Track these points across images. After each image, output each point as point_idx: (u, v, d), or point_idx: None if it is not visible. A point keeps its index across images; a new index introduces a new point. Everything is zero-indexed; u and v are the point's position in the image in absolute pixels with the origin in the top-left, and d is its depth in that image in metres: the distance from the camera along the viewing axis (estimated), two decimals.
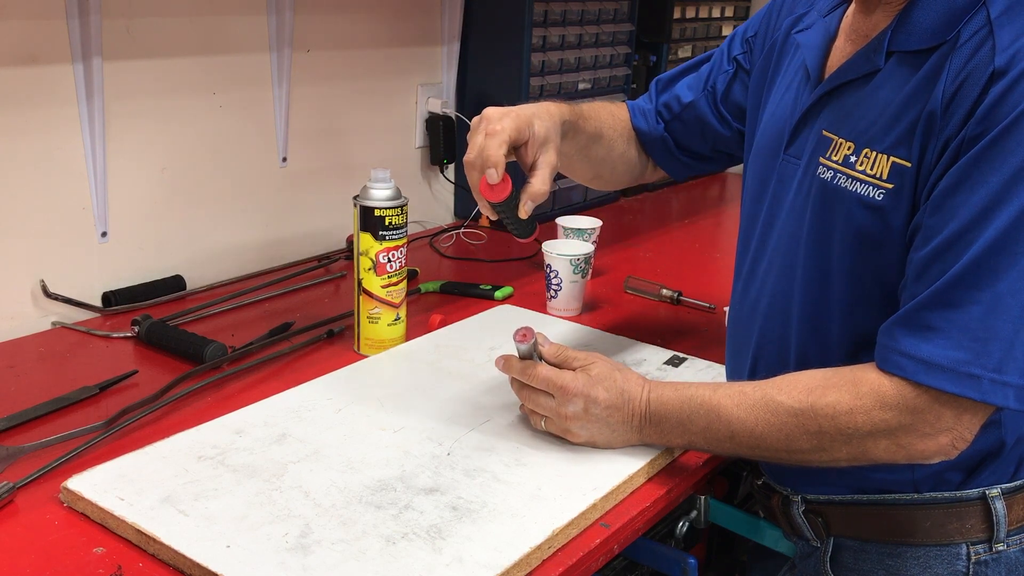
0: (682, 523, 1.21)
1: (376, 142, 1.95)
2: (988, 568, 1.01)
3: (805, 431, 0.97)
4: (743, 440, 1.01)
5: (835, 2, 1.09)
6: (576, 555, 0.95)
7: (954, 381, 0.89)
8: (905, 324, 0.92)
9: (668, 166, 1.37)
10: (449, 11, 2.00)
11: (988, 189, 0.86)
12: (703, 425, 1.04)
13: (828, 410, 0.95)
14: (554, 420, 1.10)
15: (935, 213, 0.90)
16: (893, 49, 0.96)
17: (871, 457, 0.96)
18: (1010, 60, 0.86)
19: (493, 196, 1.07)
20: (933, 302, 0.89)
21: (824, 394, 0.96)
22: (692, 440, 1.06)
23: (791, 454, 0.99)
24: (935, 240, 0.89)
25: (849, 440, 0.95)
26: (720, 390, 1.04)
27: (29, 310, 1.45)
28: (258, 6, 1.66)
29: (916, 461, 0.95)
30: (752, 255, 1.14)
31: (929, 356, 0.89)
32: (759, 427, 0.99)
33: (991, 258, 0.86)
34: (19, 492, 1.01)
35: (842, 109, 1.00)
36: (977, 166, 0.87)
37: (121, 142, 1.51)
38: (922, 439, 0.93)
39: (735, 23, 2.64)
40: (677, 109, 1.32)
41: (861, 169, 0.96)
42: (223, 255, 1.70)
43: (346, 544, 0.92)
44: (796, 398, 0.97)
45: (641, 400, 1.08)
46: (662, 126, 1.33)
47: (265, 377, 1.30)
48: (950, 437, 0.92)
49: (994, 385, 0.88)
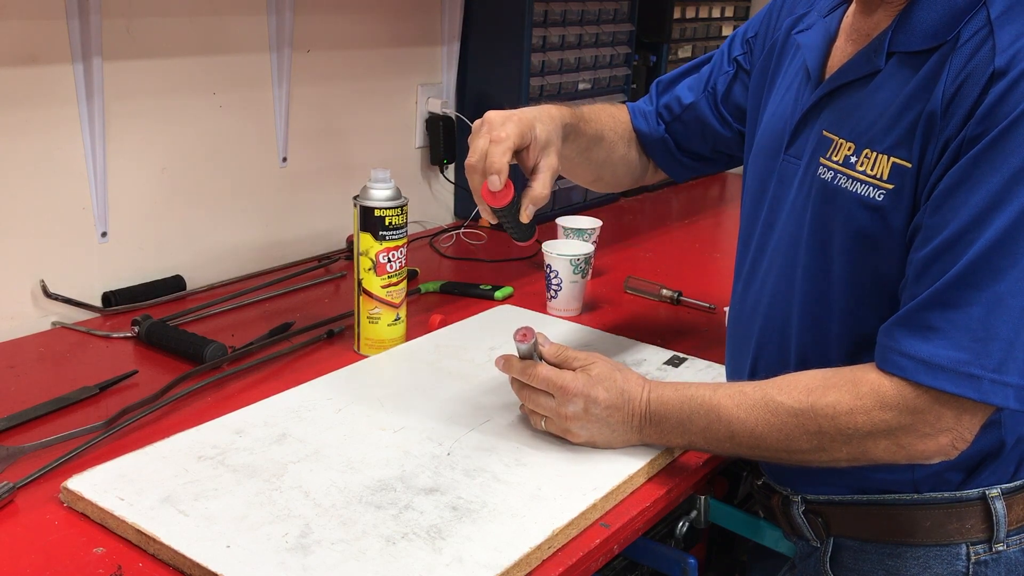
0: (682, 523, 1.21)
1: (376, 142, 1.95)
2: (988, 568, 1.01)
3: (805, 431, 0.97)
4: (743, 440, 1.01)
5: (835, 2, 1.09)
6: (576, 555, 0.96)
7: (954, 381, 0.89)
8: (905, 324, 0.92)
9: (669, 167, 1.37)
10: (449, 11, 2.00)
11: (988, 189, 0.86)
12: (703, 425, 1.04)
13: (828, 410, 0.95)
14: (554, 420, 1.10)
15: (935, 213, 0.90)
16: (894, 50, 0.96)
17: (871, 457, 0.96)
18: (1010, 60, 0.86)
19: (495, 202, 1.07)
20: (933, 302, 0.89)
21: (824, 394, 0.96)
22: (692, 440, 1.06)
23: (791, 454, 0.99)
24: (935, 240, 0.89)
25: (849, 440, 0.95)
26: (720, 390, 1.04)
27: (29, 310, 1.45)
28: (258, 6, 1.66)
29: (916, 461, 0.95)
30: (752, 255, 1.14)
31: (929, 356, 0.89)
32: (759, 427, 0.99)
33: (991, 258, 0.86)
34: (19, 492, 1.01)
35: (843, 109, 1.00)
36: (977, 166, 0.87)
37: (121, 142, 1.51)
38: (922, 439, 0.93)
39: (735, 23, 2.63)
40: (678, 110, 1.32)
41: (861, 170, 0.96)
42: (223, 255, 1.70)
43: (346, 544, 0.92)
44: (796, 398, 0.97)
45: (641, 400, 1.08)
46: (663, 127, 1.33)
47: (265, 377, 1.30)
48: (950, 437, 0.92)
49: (994, 385, 0.88)
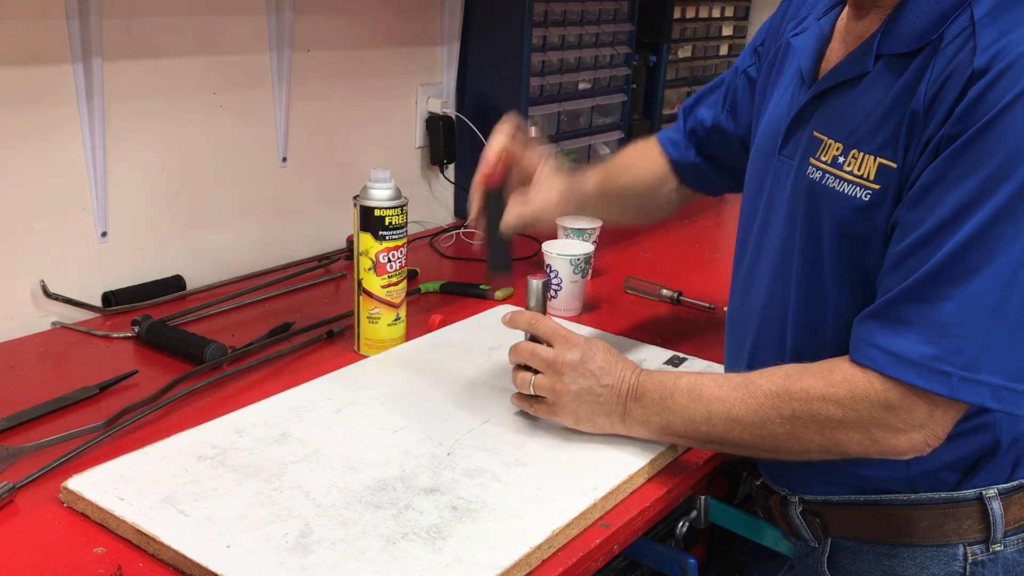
0: (682, 523, 1.21)
1: (376, 142, 1.95)
2: (985, 568, 1.01)
3: (779, 414, 0.97)
4: (718, 423, 1.01)
5: (830, 4, 1.10)
6: (576, 555, 0.96)
7: (923, 376, 0.89)
8: (878, 317, 0.92)
9: (703, 187, 1.40)
10: (449, 11, 2.00)
11: (965, 187, 0.86)
12: (683, 403, 1.04)
13: (801, 394, 0.96)
14: (543, 383, 1.11)
15: (913, 209, 0.90)
16: (881, 52, 0.96)
17: (843, 450, 0.96)
18: (990, 60, 0.86)
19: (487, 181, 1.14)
20: (906, 297, 0.90)
21: (800, 379, 0.97)
22: (670, 420, 1.05)
23: (764, 440, 0.99)
24: (912, 236, 0.90)
25: (821, 429, 0.95)
26: (706, 375, 1.06)
27: (29, 310, 1.46)
28: (258, 6, 1.66)
29: (888, 456, 0.95)
30: (750, 255, 1.15)
31: (899, 350, 0.90)
32: (735, 408, 1.00)
33: (966, 255, 0.86)
34: (19, 492, 1.01)
35: (833, 111, 1.01)
36: (955, 164, 0.87)
37: (121, 142, 1.51)
38: (894, 434, 0.93)
39: (735, 23, 2.64)
40: (703, 133, 1.34)
41: (849, 170, 0.96)
42: (223, 255, 1.71)
43: (346, 544, 0.92)
44: (774, 381, 0.99)
45: (633, 372, 1.09)
46: (693, 152, 1.36)
47: (265, 377, 1.31)
48: (923, 434, 0.92)
49: (964, 383, 0.88)
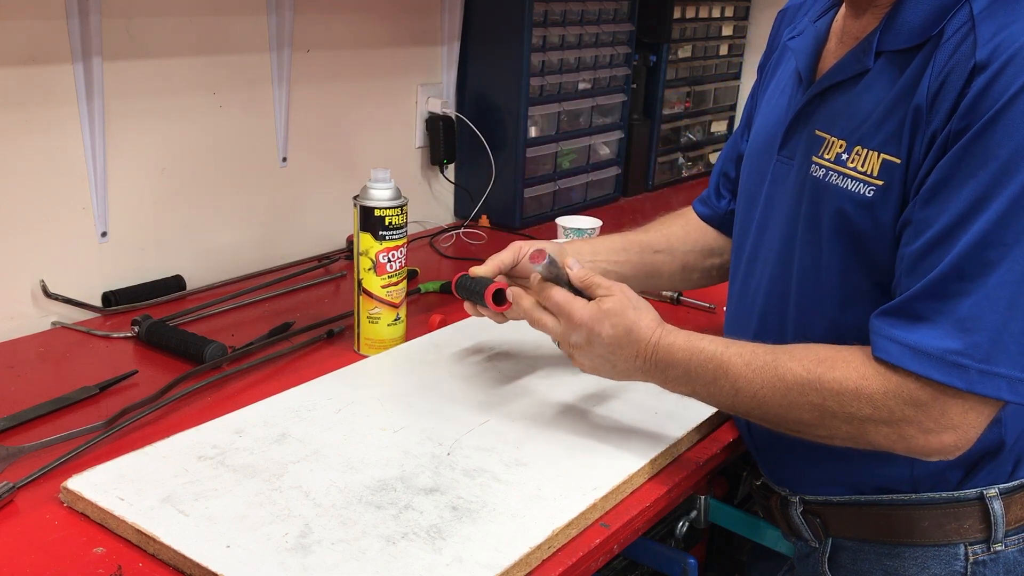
0: (682, 523, 1.21)
1: (376, 142, 1.95)
2: (986, 568, 1.01)
3: (808, 402, 0.95)
4: (745, 400, 1.00)
5: (825, 7, 1.10)
6: (576, 555, 0.96)
7: (940, 369, 0.88)
8: (895, 313, 0.92)
9: None
10: (449, 11, 2.00)
11: (977, 183, 0.86)
12: (708, 379, 1.02)
13: (834, 385, 0.94)
14: (564, 349, 1.11)
15: (925, 207, 0.90)
16: (881, 49, 0.96)
17: (870, 440, 0.94)
18: (991, 53, 0.86)
19: None
20: (924, 294, 0.90)
21: (833, 367, 0.95)
22: (695, 390, 1.05)
23: (789, 424, 0.98)
24: (926, 234, 0.90)
25: (850, 420, 0.94)
26: (732, 347, 1.02)
27: (29, 310, 1.45)
28: (258, 6, 1.66)
29: (915, 455, 0.94)
30: (747, 255, 1.15)
31: (916, 343, 0.89)
32: (763, 390, 0.98)
33: (981, 251, 0.86)
34: (19, 492, 1.01)
35: (834, 109, 1.01)
36: (964, 160, 0.87)
37: (121, 142, 1.51)
38: (925, 434, 0.91)
39: (735, 23, 2.64)
40: (729, 184, 1.35)
41: (852, 166, 0.97)
42: (223, 255, 1.71)
43: (346, 544, 0.92)
44: (806, 367, 0.96)
45: (649, 343, 1.05)
46: (724, 201, 1.35)
47: (265, 377, 1.31)
48: (954, 436, 0.91)
49: (983, 376, 0.87)
